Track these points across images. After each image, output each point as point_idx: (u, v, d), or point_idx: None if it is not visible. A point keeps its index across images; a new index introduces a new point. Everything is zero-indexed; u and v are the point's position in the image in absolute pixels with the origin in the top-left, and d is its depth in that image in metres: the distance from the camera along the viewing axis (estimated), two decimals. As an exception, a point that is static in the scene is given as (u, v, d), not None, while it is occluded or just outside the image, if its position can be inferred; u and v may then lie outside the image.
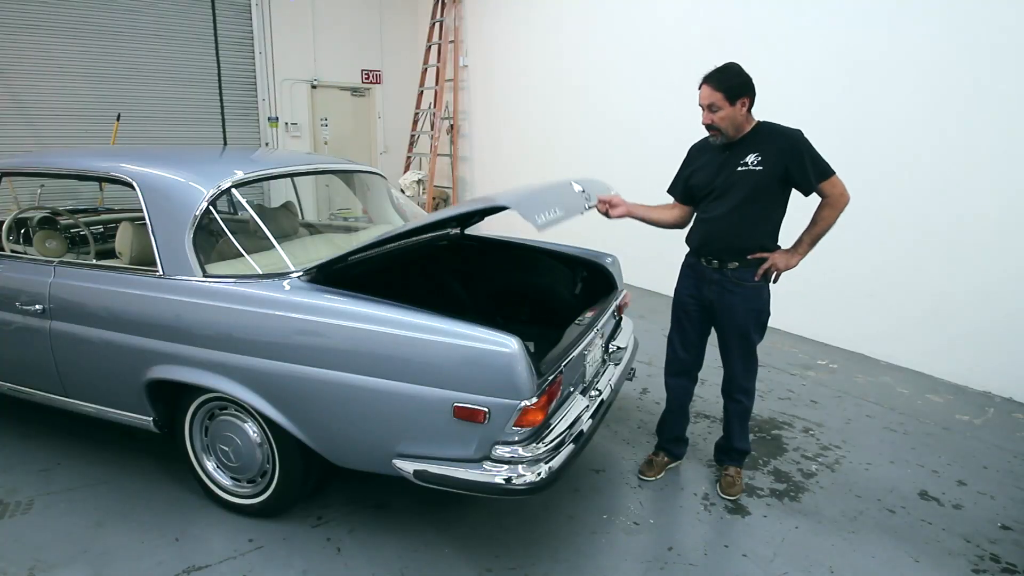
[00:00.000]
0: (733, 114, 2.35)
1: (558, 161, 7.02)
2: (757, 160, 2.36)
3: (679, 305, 2.71)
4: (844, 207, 2.38)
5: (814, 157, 2.35)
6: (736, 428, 2.74)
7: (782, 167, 2.35)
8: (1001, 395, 3.86)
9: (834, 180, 2.36)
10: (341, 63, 8.94)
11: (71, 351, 2.54)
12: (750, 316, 2.52)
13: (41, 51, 6.88)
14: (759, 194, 2.39)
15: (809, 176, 2.34)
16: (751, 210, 2.42)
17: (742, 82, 2.34)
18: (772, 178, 2.37)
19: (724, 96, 2.33)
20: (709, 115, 2.38)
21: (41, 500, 2.58)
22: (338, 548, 2.33)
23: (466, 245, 3.41)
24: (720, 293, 2.53)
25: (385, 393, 2.02)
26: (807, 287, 4.77)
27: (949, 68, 3.88)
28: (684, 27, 5.57)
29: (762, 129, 2.42)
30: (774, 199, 2.43)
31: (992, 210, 3.77)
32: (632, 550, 2.38)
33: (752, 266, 2.47)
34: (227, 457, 2.44)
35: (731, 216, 2.43)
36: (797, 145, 2.35)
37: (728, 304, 2.52)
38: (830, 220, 2.39)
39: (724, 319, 2.56)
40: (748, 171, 2.38)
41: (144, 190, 2.42)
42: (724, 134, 2.40)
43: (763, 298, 2.53)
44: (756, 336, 2.58)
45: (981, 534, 2.53)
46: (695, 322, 2.67)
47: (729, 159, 2.43)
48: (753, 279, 2.48)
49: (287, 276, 2.24)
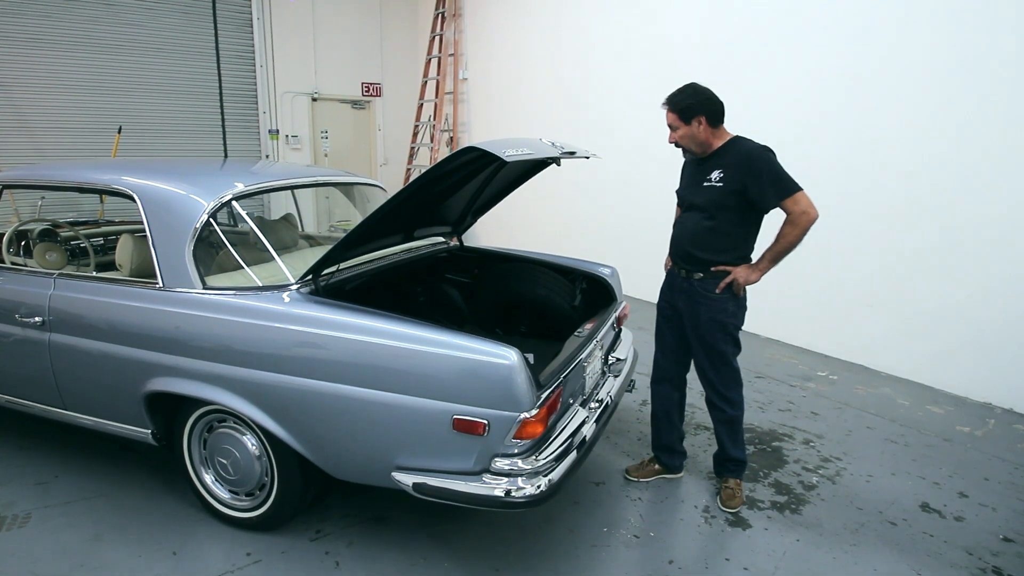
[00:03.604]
0: (691, 132, 2.46)
1: (556, 172, 7.04)
2: (719, 176, 2.45)
3: (659, 311, 2.81)
4: (808, 225, 2.37)
5: (775, 174, 2.38)
6: (725, 437, 2.74)
7: (741, 184, 2.40)
8: (1002, 406, 3.85)
9: (796, 198, 2.37)
10: (341, 76, 9.00)
11: (70, 363, 2.53)
12: (715, 327, 2.56)
13: (43, 64, 6.93)
14: (719, 210, 2.47)
15: (767, 194, 2.38)
16: (711, 224, 2.50)
17: (696, 102, 2.43)
18: (731, 194, 2.43)
19: (678, 116, 2.46)
20: (672, 134, 2.51)
21: (38, 513, 2.56)
22: (337, 562, 2.31)
23: (465, 257, 3.42)
24: (687, 302, 2.61)
25: (384, 405, 2.02)
26: (806, 299, 4.79)
27: (946, 79, 3.91)
28: (682, 40, 5.62)
29: (730, 146, 2.48)
30: (735, 215, 2.47)
31: (991, 220, 3.79)
32: (633, 563, 2.37)
33: (718, 278, 2.53)
34: (225, 470, 2.43)
35: (694, 228, 2.54)
36: (757, 163, 2.39)
37: (694, 313, 2.59)
38: (791, 237, 2.40)
39: (690, 327, 2.63)
40: (711, 187, 2.47)
41: (145, 202, 2.43)
42: (690, 151, 2.52)
43: (728, 310, 2.56)
44: (727, 348, 2.59)
45: (983, 546, 2.52)
46: (672, 328, 2.74)
47: (699, 174, 2.54)
48: (716, 291, 2.53)
49: (287, 288, 2.25)
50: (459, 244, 3.40)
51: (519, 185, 3.20)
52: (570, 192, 7.02)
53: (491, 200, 3.19)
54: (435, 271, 3.41)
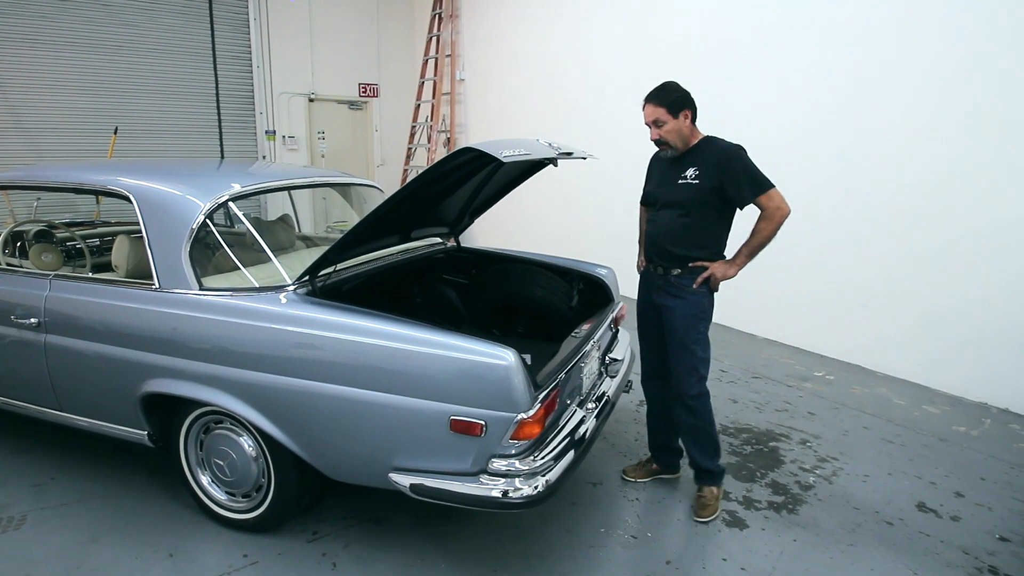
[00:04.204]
0: (678, 126, 2.47)
1: (554, 173, 7.04)
2: (696, 174, 2.47)
3: (639, 311, 2.81)
4: (782, 220, 2.43)
5: (750, 172, 2.43)
6: (690, 446, 2.70)
7: (717, 181, 2.44)
8: (997, 406, 3.86)
9: (771, 194, 2.41)
10: (338, 77, 8.99)
11: (66, 365, 2.52)
12: (689, 322, 2.56)
13: (39, 65, 6.91)
14: (696, 206, 2.49)
15: (742, 190, 2.42)
16: (687, 221, 2.52)
17: (680, 96, 2.47)
18: (708, 191, 2.46)
19: (667, 111, 2.46)
20: (656, 131, 2.50)
21: (34, 515, 2.55)
22: (334, 563, 2.31)
23: (462, 258, 3.42)
24: (664, 298, 2.62)
25: (381, 406, 2.01)
26: (803, 299, 4.80)
27: (943, 82, 3.93)
28: (680, 41, 5.63)
29: (704, 144, 2.52)
30: (711, 211, 2.51)
31: (988, 223, 3.80)
32: (630, 564, 2.37)
33: (695, 274, 2.55)
34: (222, 471, 2.43)
35: (671, 226, 2.55)
36: (732, 160, 2.42)
37: (670, 308, 2.60)
38: (766, 232, 2.44)
39: (667, 324, 2.63)
40: (687, 184, 2.49)
41: (141, 203, 2.43)
42: (673, 147, 2.51)
43: (703, 306, 2.58)
44: (697, 349, 2.56)
45: (979, 546, 2.53)
46: (654, 326, 2.74)
47: (674, 171, 2.55)
48: (693, 287, 2.55)
49: (283, 289, 2.24)
50: (456, 245, 3.40)
51: (516, 186, 3.20)
52: (567, 193, 7.03)
53: (488, 201, 3.19)
54: (432, 272, 3.41)
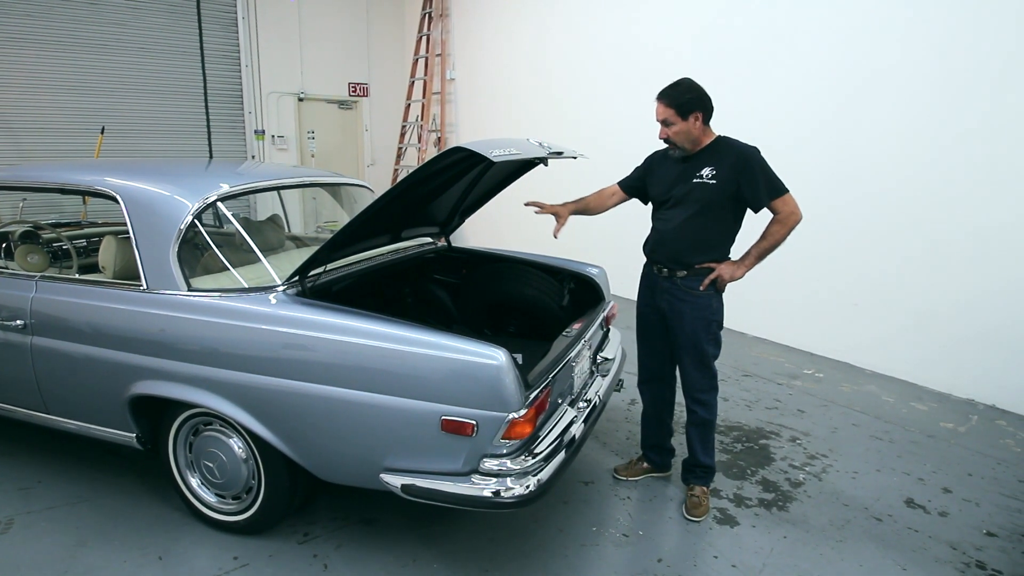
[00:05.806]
0: (686, 128, 2.43)
1: (544, 172, 7.05)
2: (712, 173, 2.44)
3: (640, 315, 2.79)
4: (794, 225, 2.42)
5: (767, 175, 2.41)
6: (696, 442, 2.71)
7: (735, 182, 2.41)
8: (984, 402, 3.90)
9: (786, 198, 2.41)
10: (328, 76, 8.95)
11: (53, 367, 2.50)
12: (699, 325, 2.56)
13: (25, 64, 6.84)
14: (711, 207, 2.47)
15: (760, 193, 2.40)
16: (702, 222, 2.49)
17: (693, 97, 2.42)
18: (724, 192, 2.43)
19: (676, 112, 2.42)
20: (665, 130, 2.47)
21: (21, 520, 2.53)
22: (325, 565, 2.30)
23: (453, 257, 3.41)
24: (671, 302, 2.59)
25: (372, 407, 2.01)
26: (793, 297, 4.82)
27: (937, 84, 3.95)
28: (671, 41, 5.64)
29: (720, 144, 2.49)
30: (725, 212, 2.49)
31: (977, 224, 3.83)
32: (622, 562, 2.38)
33: (701, 275, 2.53)
34: (212, 473, 2.41)
35: (684, 226, 2.51)
36: (750, 162, 2.40)
37: (678, 312, 2.58)
38: (778, 236, 2.44)
39: (675, 327, 2.61)
40: (703, 184, 2.45)
41: (128, 204, 2.40)
42: (681, 148, 2.48)
43: (712, 307, 2.56)
44: (709, 347, 2.59)
45: (967, 541, 2.55)
46: (656, 330, 2.72)
47: (687, 170, 2.51)
48: (700, 288, 2.53)
49: (273, 289, 2.23)
50: (447, 244, 3.39)
51: (507, 185, 3.20)
52: (558, 192, 6.99)
53: (479, 200, 3.19)
54: (423, 272, 3.41)
